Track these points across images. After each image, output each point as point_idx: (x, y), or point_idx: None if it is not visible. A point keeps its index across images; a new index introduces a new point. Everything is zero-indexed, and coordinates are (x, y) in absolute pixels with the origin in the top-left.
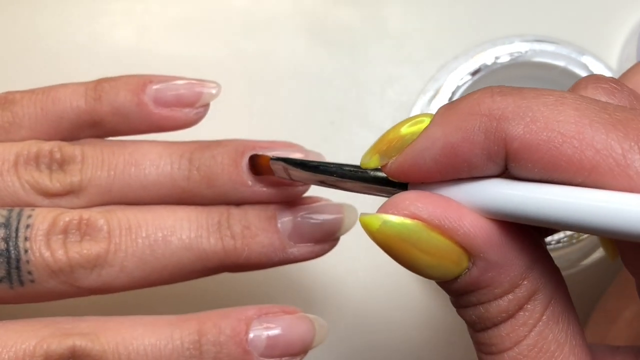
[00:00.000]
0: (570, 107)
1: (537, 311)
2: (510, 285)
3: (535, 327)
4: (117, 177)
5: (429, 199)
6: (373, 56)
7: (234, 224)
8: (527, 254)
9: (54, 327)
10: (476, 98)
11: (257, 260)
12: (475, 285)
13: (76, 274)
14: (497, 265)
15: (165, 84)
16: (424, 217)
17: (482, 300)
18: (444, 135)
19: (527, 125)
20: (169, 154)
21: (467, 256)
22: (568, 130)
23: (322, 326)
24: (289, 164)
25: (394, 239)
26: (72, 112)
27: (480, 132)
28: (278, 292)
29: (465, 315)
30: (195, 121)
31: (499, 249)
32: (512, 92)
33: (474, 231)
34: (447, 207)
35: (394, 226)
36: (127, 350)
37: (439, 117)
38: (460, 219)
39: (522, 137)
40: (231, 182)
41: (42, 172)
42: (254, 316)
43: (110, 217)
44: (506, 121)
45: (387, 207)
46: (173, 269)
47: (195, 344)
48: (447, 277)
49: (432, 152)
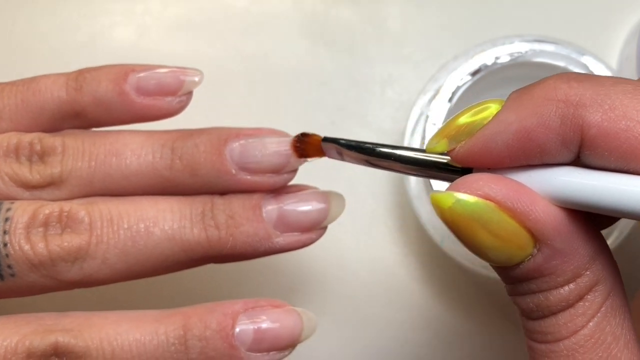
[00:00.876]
0: None
1: (596, 302)
2: (573, 275)
3: (593, 318)
4: (98, 167)
5: (502, 181)
6: (373, 56)
7: (217, 214)
8: (591, 245)
9: (37, 323)
10: (552, 83)
11: (242, 250)
12: (538, 272)
13: (58, 267)
14: (563, 253)
15: (147, 73)
16: (498, 199)
17: (542, 288)
18: (519, 120)
19: (605, 112)
20: (150, 144)
21: (534, 242)
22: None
23: (310, 319)
24: (341, 145)
25: (465, 218)
26: (53, 103)
27: (556, 117)
28: (276, 292)
29: (522, 303)
30: (178, 110)
31: (565, 238)
32: (589, 79)
33: (545, 217)
34: (520, 191)
35: (467, 205)
36: (112, 346)
37: (513, 102)
38: (533, 204)
39: (600, 124)
40: (214, 171)
41: (22, 164)
42: (241, 310)
43: (91, 208)
44: (584, 108)
45: (460, 186)
46: (156, 261)
47: (181, 339)
48: (511, 261)
49: (504, 136)
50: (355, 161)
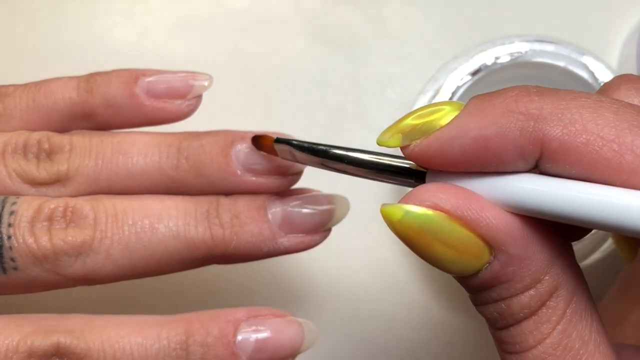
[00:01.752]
0: (609, 110)
1: (559, 307)
2: (531, 280)
3: (558, 324)
4: (104, 165)
5: (451, 191)
6: (373, 56)
7: (222, 213)
8: (549, 249)
9: (39, 323)
10: (514, 95)
11: (246, 250)
12: (496, 280)
13: (61, 262)
14: (519, 259)
15: (157, 77)
16: (447, 208)
17: (503, 296)
18: (478, 127)
19: (565, 126)
20: (157, 143)
21: (489, 249)
22: (608, 134)
23: (312, 331)
24: (294, 147)
25: (416, 230)
26: (63, 104)
27: (516, 129)
28: (274, 293)
29: (486, 313)
30: (188, 113)
31: (520, 243)
32: (550, 93)
33: (496, 223)
34: (470, 199)
35: (416, 217)
36: (113, 348)
37: (473, 108)
38: (483, 211)
39: (561, 138)
40: (220, 172)
41: (29, 161)
42: (243, 318)
43: (96, 204)
44: (544, 121)
45: (409, 199)
46: (160, 258)
47: (182, 344)
48: (468, 271)
49: (462, 141)
50: (309, 163)
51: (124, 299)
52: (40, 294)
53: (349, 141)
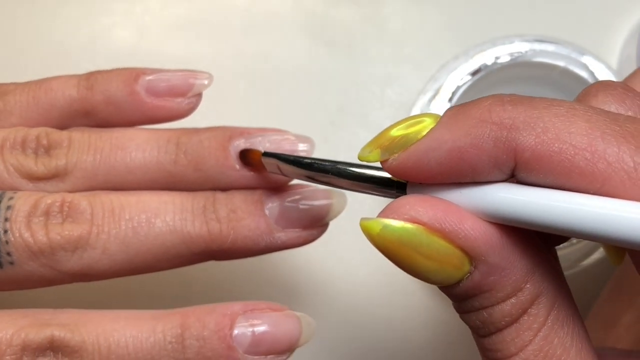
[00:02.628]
0: (582, 118)
1: (541, 315)
2: (512, 289)
3: (540, 332)
4: (103, 161)
5: (429, 203)
6: (373, 56)
7: (219, 208)
8: (529, 258)
9: (33, 317)
10: (487, 105)
11: (243, 245)
12: (477, 289)
13: (57, 256)
14: (499, 268)
15: (157, 75)
16: (425, 221)
17: (484, 305)
18: (452, 139)
19: (538, 135)
20: (156, 139)
21: (469, 260)
22: (580, 142)
23: (309, 324)
24: (281, 160)
25: (395, 244)
26: (63, 101)
27: (489, 140)
28: (273, 293)
29: (468, 321)
30: (188, 111)
31: (500, 252)
32: (522, 102)
33: (475, 234)
34: (448, 211)
35: (394, 230)
36: (108, 341)
37: (448, 120)
38: (461, 222)
39: (534, 147)
40: (218, 166)
41: (27, 156)
42: (239, 312)
43: (93, 199)
44: (517, 131)
45: (387, 212)
46: (157, 253)
47: (178, 337)
48: (449, 281)
49: (437, 153)
50: (295, 176)
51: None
52: (37, 291)
53: (349, 141)
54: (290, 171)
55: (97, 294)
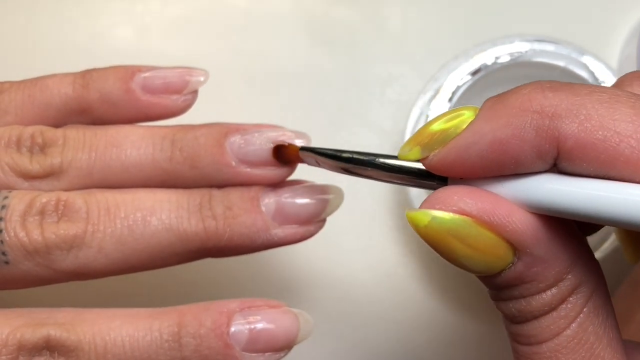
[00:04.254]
0: (626, 105)
1: (579, 304)
2: (554, 280)
3: (576, 319)
4: (98, 158)
5: (477, 195)
6: (373, 56)
7: (215, 205)
8: (571, 249)
9: (29, 316)
10: (527, 93)
11: (239, 242)
12: (519, 280)
13: (52, 255)
14: (543, 260)
15: (153, 72)
16: (474, 214)
17: (525, 294)
18: (492, 131)
19: (581, 123)
20: (151, 136)
21: (513, 251)
22: (625, 129)
23: (307, 321)
24: (319, 154)
25: (443, 235)
26: (59, 99)
27: (531, 129)
28: (273, 294)
29: (504, 308)
30: (184, 109)
31: (545, 245)
32: (564, 88)
33: (522, 227)
34: (496, 203)
35: (443, 222)
36: (104, 340)
37: (487, 111)
38: (509, 215)
39: (577, 135)
40: (214, 163)
41: (22, 155)
42: (237, 309)
43: (88, 198)
44: (559, 119)
45: (434, 202)
46: (153, 251)
47: (175, 335)
48: (491, 271)
49: (478, 147)
50: (333, 169)
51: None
52: (33, 291)
53: (349, 141)
54: (329, 164)
55: (93, 292)
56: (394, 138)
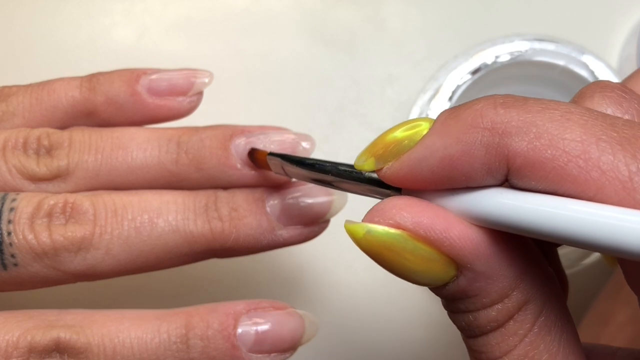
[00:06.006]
0: (577, 123)
1: (527, 321)
2: (498, 296)
3: (525, 337)
4: (104, 160)
5: (416, 208)
6: (373, 56)
7: (221, 207)
8: (518, 264)
9: (39, 318)
10: (479, 109)
11: (245, 243)
12: (463, 294)
13: (61, 257)
14: (485, 275)
15: (158, 75)
16: (409, 227)
17: (470, 309)
18: (444, 147)
19: (530, 141)
20: (156, 138)
21: (455, 265)
22: (574, 149)
23: (312, 323)
24: (285, 160)
25: (379, 248)
26: (66, 102)
27: (481, 146)
28: (276, 291)
29: (455, 321)
30: (189, 110)
31: (487, 260)
32: (516, 104)
33: (461, 243)
34: (435, 217)
35: (378, 235)
36: (113, 343)
37: (439, 126)
38: (448, 230)
39: (526, 154)
40: (220, 165)
41: (29, 157)
42: (243, 311)
43: (95, 200)
44: (509, 136)
45: (373, 215)
46: (160, 252)
47: (183, 337)
48: (435, 283)
49: (429, 162)
50: (298, 177)
51: (123, 294)
52: (41, 291)
53: (349, 141)
54: (294, 172)
55: (101, 293)
56: None
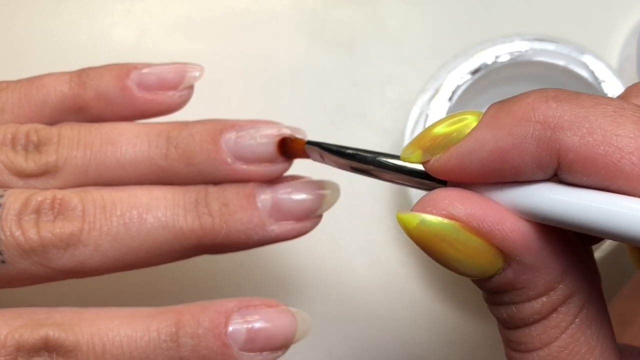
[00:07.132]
0: (630, 119)
1: (570, 314)
2: (545, 289)
3: (567, 330)
4: (93, 156)
5: (468, 199)
6: (373, 56)
7: (211, 202)
8: (564, 258)
9: (27, 317)
10: (530, 102)
11: (236, 239)
12: (509, 286)
13: (49, 254)
14: (533, 268)
15: (148, 69)
16: (462, 219)
17: (515, 301)
18: (494, 140)
19: (583, 137)
20: (146, 133)
21: (503, 257)
22: (627, 145)
23: (305, 320)
24: (324, 149)
25: (431, 238)
26: (55, 98)
27: (532, 140)
28: (269, 288)
29: (496, 313)
30: (180, 105)
31: (536, 253)
32: (568, 99)
33: (512, 235)
34: (487, 209)
35: (431, 226)
36: (102, 341)
37: (490, 119)
38: (500, 223)
39: (578, 149)
40: (210, 160)
41: (17, 153)
42: (234, 309)
43: (84, 196)
44: (561, 131)
45: (425, 205)
46: (149, 248)
47: (173, 336)
48: (482, 275)
49: (479, 154)
50: (337, 165)
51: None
52: (30, 289)
53: (349, 141)
54: (333, 160)
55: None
56: (394, 138)
